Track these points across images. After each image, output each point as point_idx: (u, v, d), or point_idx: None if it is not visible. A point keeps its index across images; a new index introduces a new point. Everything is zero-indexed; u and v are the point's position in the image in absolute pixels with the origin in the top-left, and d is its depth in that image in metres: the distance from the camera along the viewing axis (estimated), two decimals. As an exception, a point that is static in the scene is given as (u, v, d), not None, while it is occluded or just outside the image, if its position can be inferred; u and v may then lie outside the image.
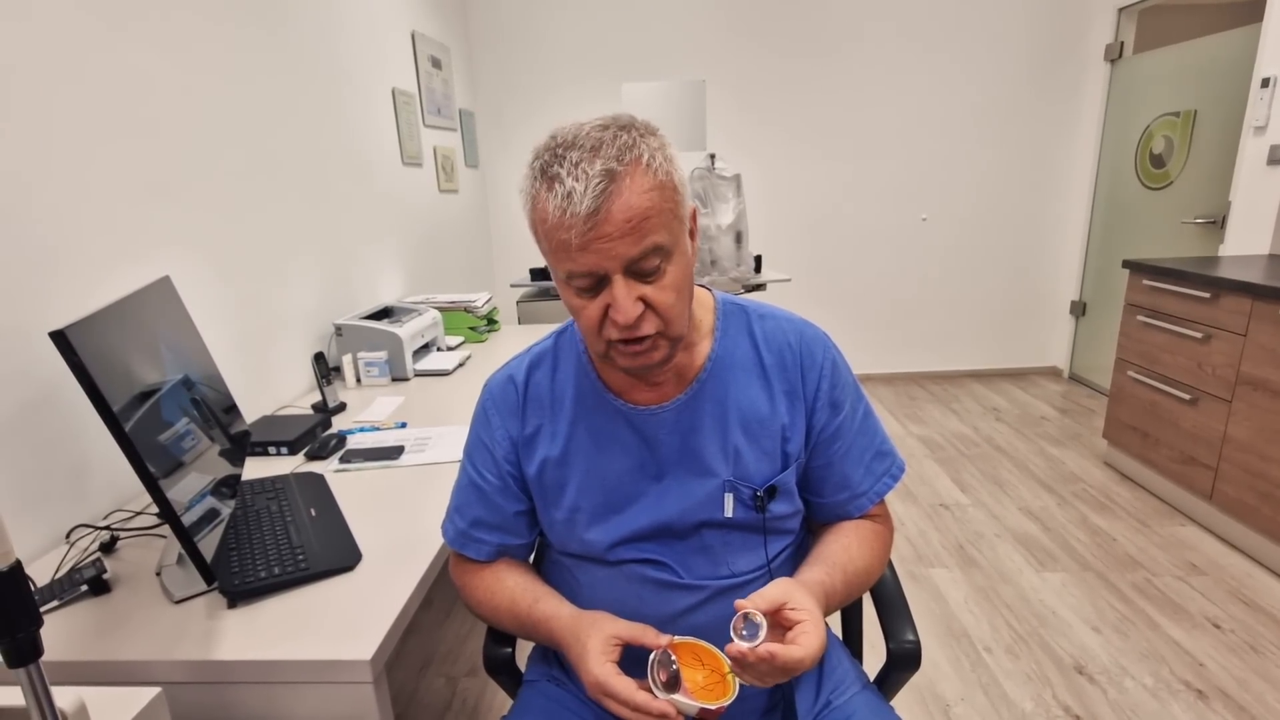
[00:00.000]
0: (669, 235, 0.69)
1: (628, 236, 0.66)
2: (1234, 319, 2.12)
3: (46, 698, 0.51)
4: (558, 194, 0.66)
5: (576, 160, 0.66)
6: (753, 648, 0.65)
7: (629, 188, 0.65)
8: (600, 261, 0.67)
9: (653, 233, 0.67)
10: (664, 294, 0.70)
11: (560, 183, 0.66)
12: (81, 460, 1.21)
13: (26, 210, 1.13)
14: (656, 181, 0.67)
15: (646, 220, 0.66)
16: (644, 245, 0.67)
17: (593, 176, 0.65)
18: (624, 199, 0.65)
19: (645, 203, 0.66)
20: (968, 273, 4.06)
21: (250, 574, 0.97)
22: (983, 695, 1.65)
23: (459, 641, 1.95)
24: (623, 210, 0.65)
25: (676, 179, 0.70)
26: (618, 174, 0.65)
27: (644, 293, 0.69)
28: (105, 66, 1.30)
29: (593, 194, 0.64)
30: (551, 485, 0.85)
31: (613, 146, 0.67)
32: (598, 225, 0.65)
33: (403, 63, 2.83)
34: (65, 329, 0.80)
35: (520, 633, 0.86)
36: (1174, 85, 3.20)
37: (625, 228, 0.65)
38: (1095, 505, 2.53)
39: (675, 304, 0.71)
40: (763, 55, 3.78)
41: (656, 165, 0.68)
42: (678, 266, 0.71)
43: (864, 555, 0.84)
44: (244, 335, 1.71)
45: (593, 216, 0.65)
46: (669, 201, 0.69)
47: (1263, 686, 1.63)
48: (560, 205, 0.65)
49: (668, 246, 0.69)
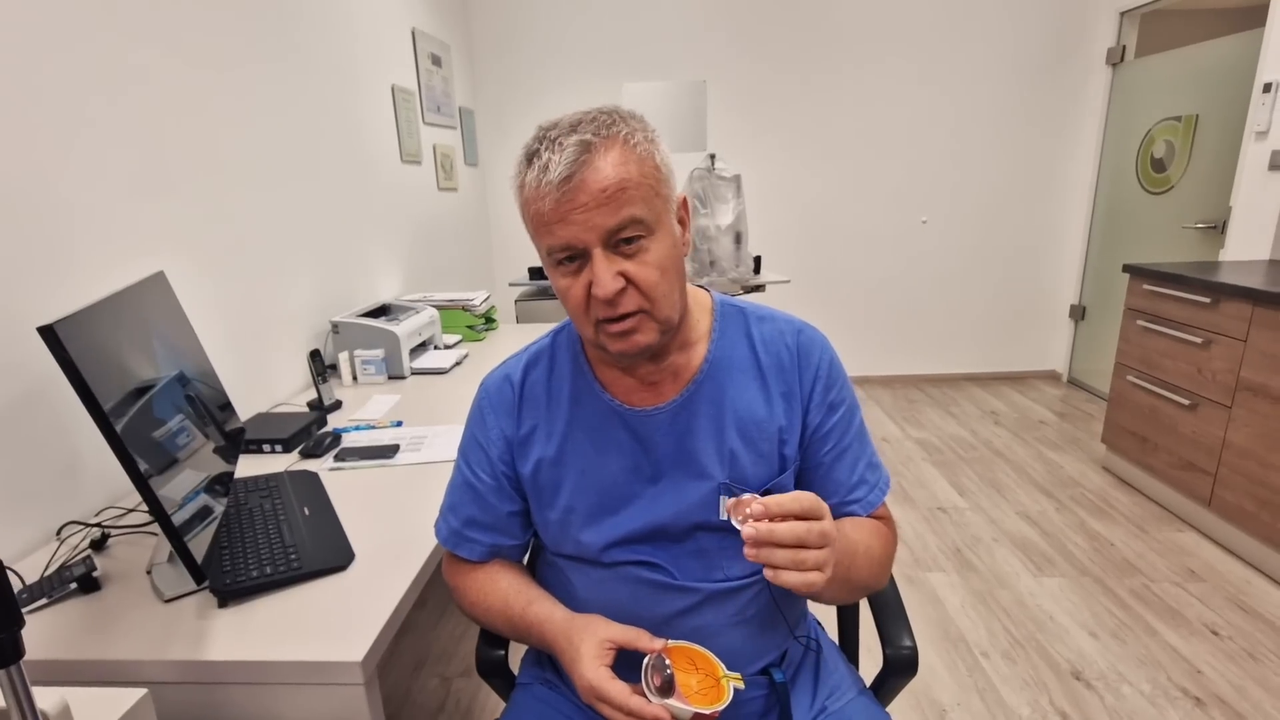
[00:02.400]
0: (648, 210, 0.69)
1: (604, 206, 0.67)
2: (1234, 324, 2.12)
3: (27, 699, 0.50)
4: (535, 168, 0.68)
5: (555, 136, 0.68)
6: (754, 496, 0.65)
7: (604, 158, 0.67)
8: (578, 234, 0.67)
9: (630, 205, 0.68)
10: (646, 270, 0.70)
11: (538, 157, 0.68)
12: (73, 456, 1.20)
13: (19, 204, 1.12)
14: (635, 155, 0.69)
15: (623, 191, 0.67)
16: (621, 216, 0.67)
17: (567, 146, 0.67)
18: (597, 167, 0.67)
19: (621, 173, 0.67)
20: (967, 276, 4.05)
21: (242, 573, 0.96)
22: (979, 700, 1.64)
23: (453, 642, 1.94)
24: (596, 178, 0.66)
25: (658, 159, 0.71)
26: (593, 145, 0.67)
27: (625, 268, 0.69)
28: (100, 61, 1.29)
29: (566, 162, 0.66)
30: (546, 486, 0.84)
31: (591, 124, 0.69)
32: (571, 193, 0.66)
33: (403, 60, 2.83)
34: (54, 324, 0.79)
35: (513, 635, 0.85)
36: (1176, 90, 3.20)
37: (600, 197, 0.66)
38: (1093, 510, 2.53)
39: (659, 283, 0.71)
40: (764, 57, 3.77)
41: (636, 142, 0.69)
42: (661, 245, 0.71)
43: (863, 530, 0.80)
44: (239, 332, 1.70)
45: (566, 183, 0.66)
46: (648, 178, 0.69)
47: (1260, 694, 1.62)
48: (537, 177, 0.68)
49: (647, 221, 0.69)
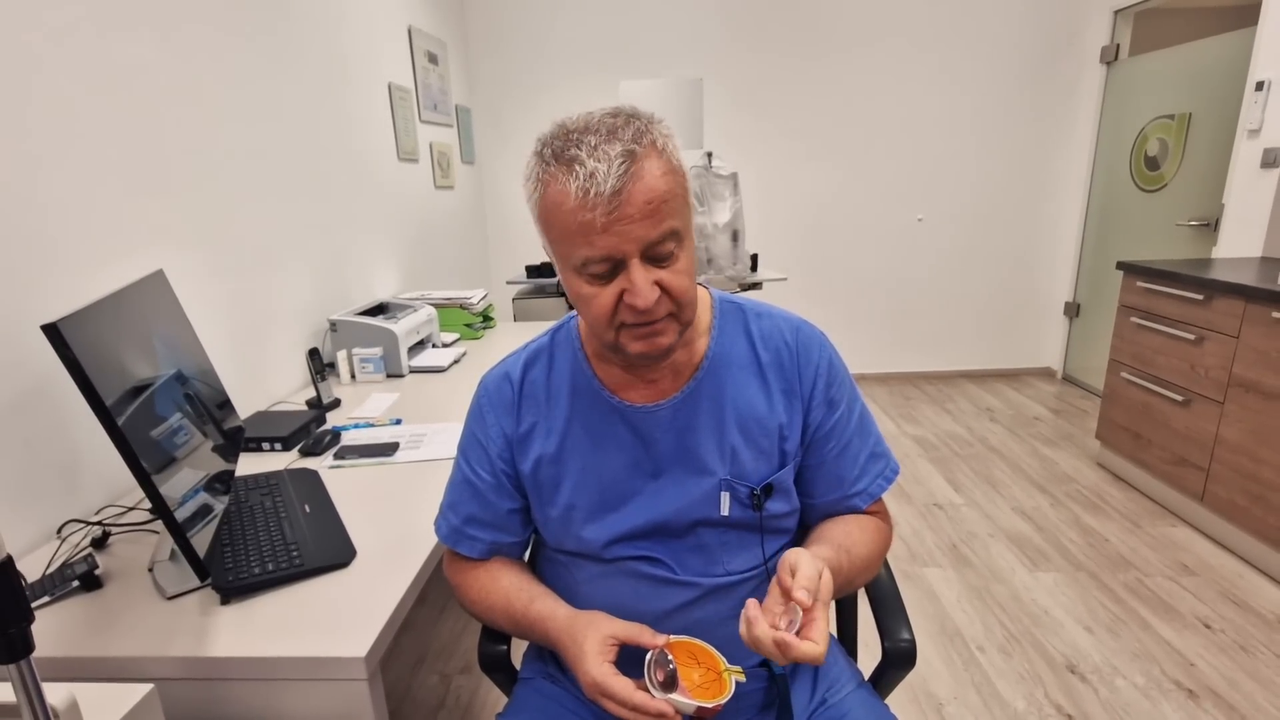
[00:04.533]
0: (683, 220, 0.70)
1: (648, 219, 0.66)
2: (1226, 321, 2.13)
3: (38, 694, 0.51)
4: (579, 175, 0.65)
5: (595, 144, 0.66)
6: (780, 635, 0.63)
7: (648, 170, 0.67)
8: (619, 244, 0.67)
9: (670, 216, 0.68)
10: (679, 278, 0.71)
11: (581, 165, 0.65)
12: (73, 455, 1.20)
13: (19, 203, 1.12)
14: (670, 165, 0.69)
15: (665, 203, 0.67)
16: (662, 229, 0.68)
17: (615, 157, 0.65)
18: (644, 180, 0.66)
19: (663, 185, 0.67)
20: (963, 273, 4.07)
21: (244, 570, 0.96)
22: (975, 694, 1.66)
23: (453, 638, 1.95)
24: (643, 191, 0.66)
25: (684, 166, 0.72)
26: (637, 155, 0.66)
27: (660, 277, 0.70)
28: (97, 59, 1.29)
29: (616, 174, 0.65)
30: (546, 483, 0.85)
31: (627, 130, 0.68)
32: (621, 206, 0.65)
33: (399, 58, 2.82)
34: (58, 322, 0.79)
35: (515, 632, 0.86)
36: (1169, 88, 3.21)
37: (646, 209, 0.66)
38: (1088, 505, 2.55)
39: (689, 288, 0.72)
40: (760, 54, 3.78)
41: (669, 151, 0.70)
42: (688, 252, 0.72)
43: (866, 544, 0.83)
44: (238, 330, 1.70)
45: (616, 196, 0.65)
46: (680, 187, 0.70)
47: (1252, 686, 1.64)
48: (583, 186, 0.65)
49: (682, 231, 0.70)
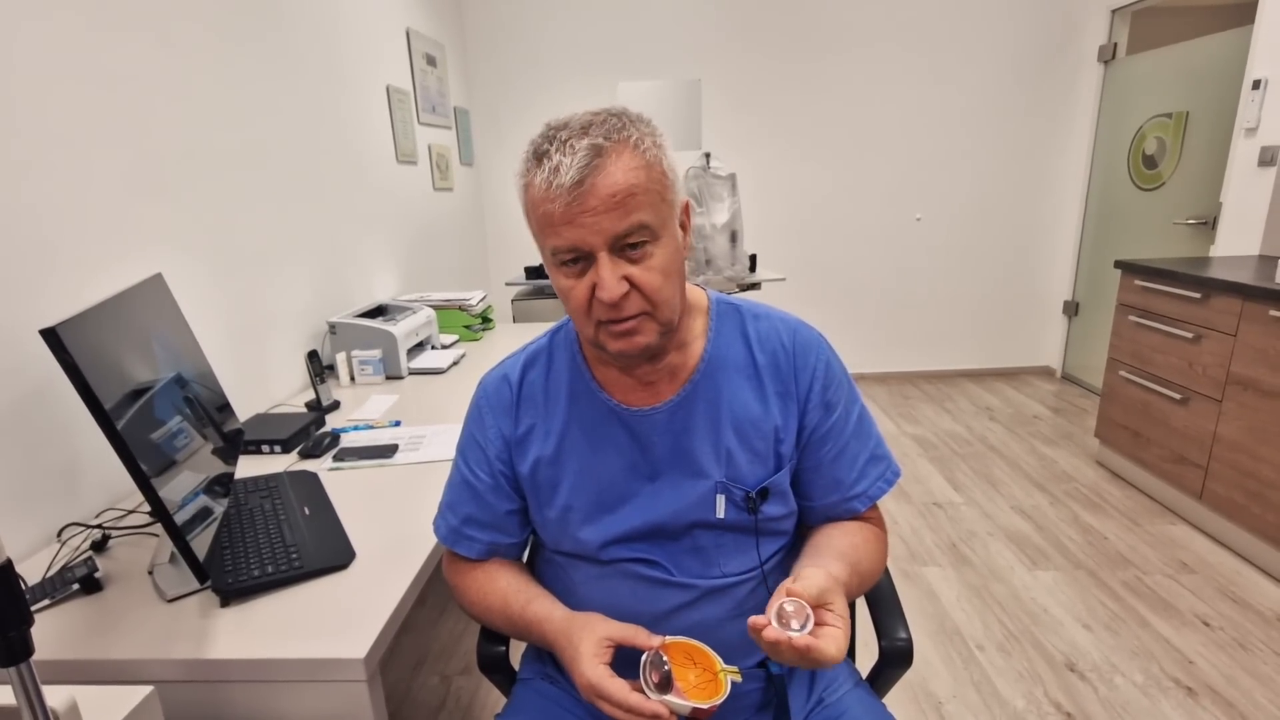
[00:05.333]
0: (655, 216, 0.70)
1: (612, 211, 0.67)
2: (1224, 319, 2.14)
3: (38, 696, 0.51)
4: (545, 169, 0.68)
5: (565, 138, 0.68)
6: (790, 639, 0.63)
7: (615, 163, 0.67)
8: (585, 236, 0.68)
9: (638, 210, 0.68)
10: (650, 275, 0.71)
11: (549, 158, 0.68)
12: (73, 458, 1.20)
13: (18, 207, 1.12)
14: (644, 161, 0.69)
15: (631, 197, 0.67)
16: (629, 222, 0.68)
17: (579, 150, 0.67)
18: (608, 173, 0.67)
19: (631, 179, 0.67)
20: (962, 272, 4.07)
21: (243, 572, 0.97)
22: (974, 693, 1.66)
23: (453, 640, 1.95)
24: (607, 184, 0.67)
25: (665, 165, 0.72)
26: (604, 149, 0.67)
27: (629, 272, 0.70)
28: (96, 63, 1.29)
29: (578, 166, 0.66)
30: (544, 484, 0.85)
31: (602, 127, 0.69)
32: (581, 197, 0.66)
33: (397, 60, 2.83)
34: (56, 326, 0.79)
35: (512, 633, 0.86)
36: (1166, 87, 3.22)
37: (610, 202, 0.67)
38: (1087, 504, 2.55)
39: (662, 287, 0.72)
40: (758, 55, 3.78)
41: (645, 147, 0.70)
42: (665, 250, 0.72)
43: (870, 558, 0.82)
44: (237, 333, 1.70)
45: (576, 187, 0.66)
46: (655, 183, 0.70)
47: (1251, 683, 1.65)
48: (546, 179, 0.67)
49: (653, 227, 0.70)
